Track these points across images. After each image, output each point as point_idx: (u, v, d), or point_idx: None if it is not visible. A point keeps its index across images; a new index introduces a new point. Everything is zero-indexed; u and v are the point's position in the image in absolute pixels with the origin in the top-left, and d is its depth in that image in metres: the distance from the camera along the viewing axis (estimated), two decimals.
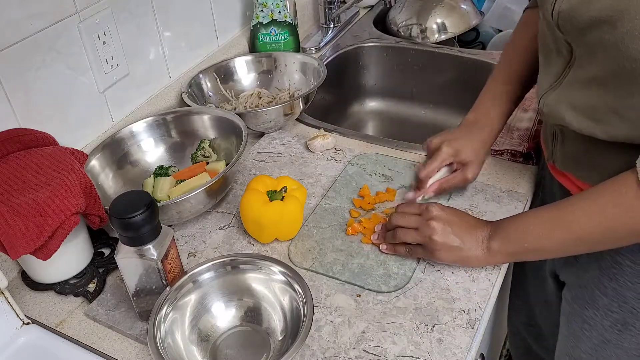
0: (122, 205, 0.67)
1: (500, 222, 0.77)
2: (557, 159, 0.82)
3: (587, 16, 0.62)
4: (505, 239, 0.75)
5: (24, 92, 0.85)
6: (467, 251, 0.77)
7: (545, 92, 0.76)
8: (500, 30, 1.61)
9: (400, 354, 0.70)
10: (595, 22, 0.62)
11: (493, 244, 0.76)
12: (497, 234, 0.76)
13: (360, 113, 1.50)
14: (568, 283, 0.88)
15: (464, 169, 0.89)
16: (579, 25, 0.64)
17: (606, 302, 0.80)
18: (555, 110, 0.74)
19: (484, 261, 0.77)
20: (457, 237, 0.77)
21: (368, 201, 0.92)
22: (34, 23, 0.83)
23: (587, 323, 0.84)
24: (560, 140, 0.80)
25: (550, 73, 0.75)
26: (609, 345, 0.82)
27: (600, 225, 0.68)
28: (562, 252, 0.75)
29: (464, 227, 0.78)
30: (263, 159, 1.05)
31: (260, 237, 0.86)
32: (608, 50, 0.62)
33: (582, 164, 0.77)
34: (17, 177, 0.74)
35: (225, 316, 0.76)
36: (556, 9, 0.67)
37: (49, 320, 0.79)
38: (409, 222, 0.80)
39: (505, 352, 1.63)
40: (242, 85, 1.22)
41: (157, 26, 1.07)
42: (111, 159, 0.96)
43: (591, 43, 0.64)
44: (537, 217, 0.74)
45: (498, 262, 0.78)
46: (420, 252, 0.80)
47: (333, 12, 1.46)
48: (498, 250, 0.76)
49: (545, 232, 0.72)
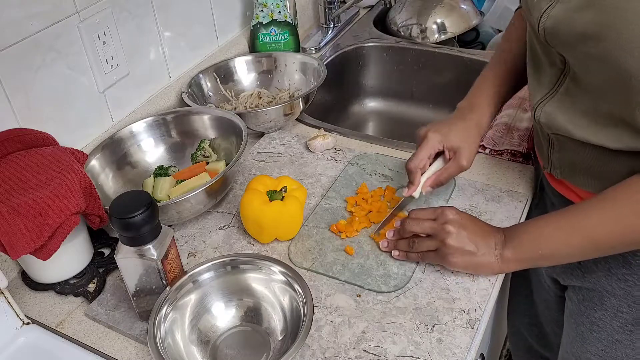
0: (122, 205, 0.67)
1: (513, 228, 0.76)
2: (554, 168, 0.81)
3: (572, 32, 0.63)
4: (519, 246, 0.74)
5: (24, 92, 0.85)
6: (480, 257, 0.75)
7: (540, 101, 0.75)
8: (500, 30, 1.61)
9: (400, 354, 0.70)
10: (581, 38, 0.62)
11: (506, 252, 0.74)
12: (510, 241, 0.74)
13: (360, 113, 1.50)
14: (572, 286, 0.87)
15: (456, 156, 0.85)
16: (566, 40, 0.64)
17: (615, 303, 0.80)
18: (553, 120, 0.73)
19: (497, 268, 0.75)
20: (472, 242, 0.75)
21: (362, 197, 0.93)
22: (33, 23, 0.83)
23: (596, 325, 0.83)
24: (557, 149, 0.78)
25: (543, 83, 0.74)
26: (620, 345, 0.82)
27: (617, 231, 0.68)
28: (578, 257, 0.74)
29: (479, 232, 0.76)
30: (263, 159, 1.05)
31: (260, 237, 0.86)
32: (597, 63, 0.62)
33: (581, 171, 0.77)
34: (17, 177, 0.74)
35: (225, 316, 0.76)
36: (541, 26, 0.67)
37: (49, 320, 0.79)
38: (424, 228, 0.79)
39: (505, 352, 1.63)
40: (242, 85, 1.22)
41: (157, 26, 1.07)
42: (111, 159, 0.96)
43: (582, 56, 0.64)
44: (552, 224, 0.72)
45: (511, 269, 0.76)
46: (431, 257, 0.78)
47: (333, 12, 1.46)
48: (512, 257, 0.74)
49: (561, 238, 0.71)
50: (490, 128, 1.05)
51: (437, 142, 0.85)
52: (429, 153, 0.85)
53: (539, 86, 0.76)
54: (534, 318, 1.11)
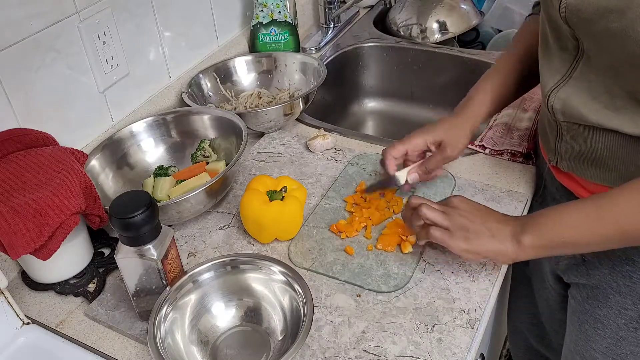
0: (122, 205, 0.67)
1: (529, 217, 0.73)
2: (562, 160, 0.81)
3: (594, 7, 0.63)
4: (538, 232, 0.70)
5: (24, 92, 0.85)
6: (495, 243, 0.72)
7: (552, 88, 0.75)
8: (500, 30, 1.61)
9: (400, 354, 0.70)
10: (603, 12, 0.62)
11: (525, 237, 0.71)
12: (528, 228, 0.71)
13: (360, 113, 1.50)
14: (576, 284, 0.87)
15: (441, 146, 0.84)
16: (587, 16, 0.64)
17: (619, 300, 0.80)
18: (568, 105, 0.73)
19: (513, 254, 0.72)
20: (485, 226, 0.73)
21: (361, 195, 0.93)
22: (33, 23, 0.83)
23: (601, 322, 0.83)
24: (567, 139, 0.78)
25: (554, 70, 0.74)
26: (625, 343, 0.81)
27: None
28: (600, 246, 0.71)
29: (492, 218, 0.74)
30: (263, 159, 1.05)
31: (260, 237, 0.86)
32: (617, 39, 0.62)
33: (589, 162, 0.76)
34: (17, 177, 0.74)
35: (225, 316, 0.76)
36: (563, 3, 0.67)
37: (49, 320, 0.79)
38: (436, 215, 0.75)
39: (505, 352, 1.63)
40: (242, 85, 1.22)
41: (157, 26, 1.07)
42: (111, 159, 0.96)
43: (599, 33, 0.64)
44: (576, 211, 0.69)
45: (528, 256, 0.72)
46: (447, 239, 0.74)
47: (333, 12, 1.46)
48: (530, 244, 0.71)
49: (587, 225, 0.68)
50: (490, 128, 1.05)
51: (418, 139, 0.86)
52: (406, 146, 0.86)
53: (550, 73, 0.75)
54: (534, 318, 1.11)
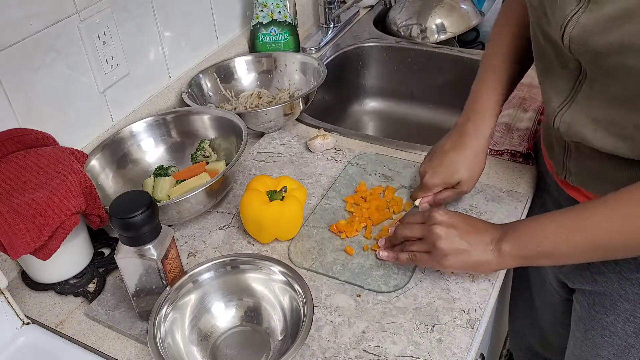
0: (122, 205, 0.67)
1: (512, 224, 0.74)
2: (570, 174, 0.80)
3: (606, 43, 0.59)
4: (517, 240, 0.71)
5: (24, 92, 0.85)
6: (475, 255, 0.73)
7: (558, 110, 0.73)
8: None
9: (400, 354, 0.70)
10: (617, 49, 0.59)
11: (504, 245, 0.71)
12: (508, 236, 0.72)
13: (360, 113, 1.50)
14: (581, 290, 0.86)
15: (458, 185, 0.86)
16: (596, 50, 0.61)
17: (628, 307, 0.78)
18: (573, 129, 0.71)
19: (495, 265, 0.73)
20: (464, 240, 0.73)
21: (361, 195, 0.93)
22: (33, 23, 0.83)
23: (608, 329, 0.82)
24: (575, 156, 0.77)
25: (557, 88, 0.72)
26: (633, 350, 0.80)
27: (620, 232, 0.65)
28: (578, 258, 0.71)
29: (471, 230, 0.74)
30: (263, 159, 1.05)
31: (260, 237, 0.86)
32: (632, 74, 0.59)
33: (597, 178, 0.75)
34: (17, 177, 0.74)
35: (225, 316, 0.76)
36: (567, 35, 0.63)
37: (49, 320, 0.79)
38: (414, 232, 0.77)
39: (506, 352, 1.63)
40: (242, 85, 1.22)
41: (157, 26, 1.07)
42: (111, 159, 0.96)
43: (612, 67, 0.61)
44: (554, 221, 0.70)
45: (509, 265, 0.74)
46: (426, 260, 0.76)
47: (333, 12, 1.46)
48: (509, 252, 0.71)
49: (561, 236, 0.68)
50: None
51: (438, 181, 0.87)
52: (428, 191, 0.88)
53: (553, 92, 0.73)
54: (535, 320, 1.11)
